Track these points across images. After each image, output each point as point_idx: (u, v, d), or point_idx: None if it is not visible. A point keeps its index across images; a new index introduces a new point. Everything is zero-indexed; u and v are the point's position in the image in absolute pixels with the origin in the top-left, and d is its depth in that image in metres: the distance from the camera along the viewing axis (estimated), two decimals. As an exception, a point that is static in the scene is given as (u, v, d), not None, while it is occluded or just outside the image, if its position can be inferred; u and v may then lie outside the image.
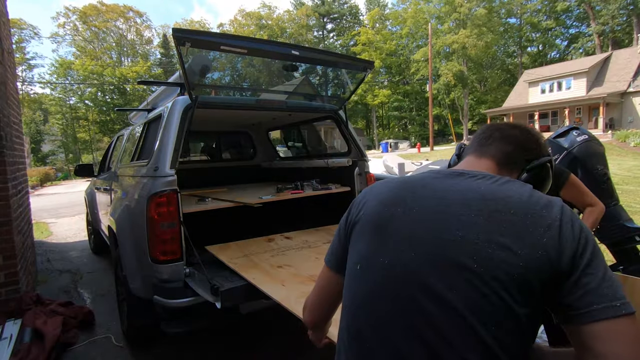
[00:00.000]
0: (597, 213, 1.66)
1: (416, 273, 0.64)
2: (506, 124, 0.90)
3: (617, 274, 1.69)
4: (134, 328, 2.58)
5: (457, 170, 0.78)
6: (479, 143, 0.87)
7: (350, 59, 2.73)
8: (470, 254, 0.61)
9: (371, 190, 0.81)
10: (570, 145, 2.83)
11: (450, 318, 0.60)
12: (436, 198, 0.69)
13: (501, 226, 0.62)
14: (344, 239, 0.81)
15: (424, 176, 0.77)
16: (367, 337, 0.66)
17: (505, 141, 0.84)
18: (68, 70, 37.15)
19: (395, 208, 0.71)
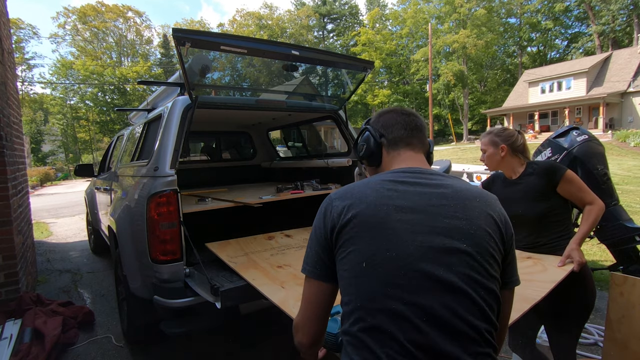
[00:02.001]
0: (597, 211, 1.62)
1: (420, 259, 0.74)
2: (414, 113, 1.01)
3: (617, 274, 1.69)
4: (134, 328, 2.58)
5: (412, 169, 0.90)
6: (410, 134, 0.98)
7: (350, 59, 2.72)
8: (460, 237, 0.77)
9: (349, 195, 0.84)
10: (570, 145, 2.83)
11: (454, 292, 0.72)
12: (418, 194, 0.82)
13: (474, 212, 0.81)
14: (328, 246, 0.83)
15: (391, 177, 0.87)
16: (388, 323, 0.72)
17: (424, 132, 1.01)
18: (69, 70, 37.16)
19: (387, 207, 0.79)
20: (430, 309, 0.71)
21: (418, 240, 0.75)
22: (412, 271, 0.73)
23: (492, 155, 1.82)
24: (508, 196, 1.82)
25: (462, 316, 0.71)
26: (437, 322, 0.71)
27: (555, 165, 1.72)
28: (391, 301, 0.72)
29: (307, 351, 0.91)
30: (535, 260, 1.59)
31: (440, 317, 0.71)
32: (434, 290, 0.72)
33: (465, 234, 0.77)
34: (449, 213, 0.79)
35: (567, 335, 1.65)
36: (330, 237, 0.82)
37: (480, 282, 0.75)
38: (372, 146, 0.99)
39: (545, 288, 1.33)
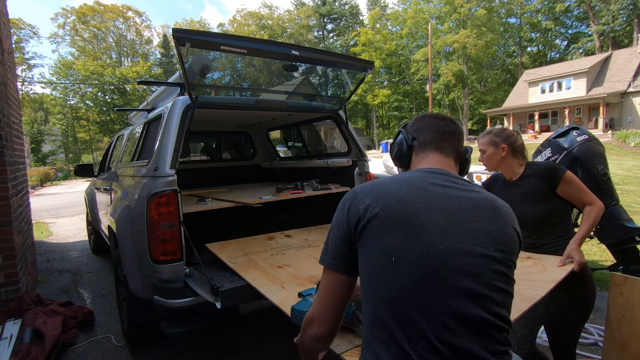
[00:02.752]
0: (597, 212, 1.62)
1: (449, 259, 0.76)
2: (450, 119, 1.03)
3: (617, 274, 1.69)
4: (134, 328, 2.58)
5: (440, 170, 0.92)
6: (441, 138, 0.99)
7: (350, 59, 2.72)
8: (488, 242, 0.80)
9: (377, 190, 0.85)
10: (570, 145, 2.83)
11: (478, 294, 0.75)
12: (448, 196, 0.84)
13: (500, 220, 0.84)
14: (351, 239, 0.84)
15: (420, 176, 0.89)
16: (417, 319, 0.74)
17: (458, 138, 1.01)
18: (69, 70, 37.16)
19: (417, 204, 0.81)
20: (458, 308, 0.74)
21: (448, 241, 0.77)
22: (441, 271, 0.75)
23: (491, 156, 1.81)
24: (508, 197, 1.82)
25: (484, 317, 0.75)
26: (464, 321, 0.74)
27: (554, 167, 1.71)
28: (420, 297, 0.75)
29: (321, 343, 0.91)
30: (536, 260, 1.59)
31: (466, 316, 0.74)
32: (461, 291, 0.75)
33: (493, 240, 0.81)
34: (478, 218, 0.82)
35: (567, 335, 1.65)
36: (355, 230, 0.83)
37: (501, 287, 0.79)
38: (403, 148, 1.03)
39: (545, 288, 1.33)
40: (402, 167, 1.06)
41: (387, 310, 0.77)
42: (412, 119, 1.07)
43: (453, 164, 0.99)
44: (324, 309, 0.87)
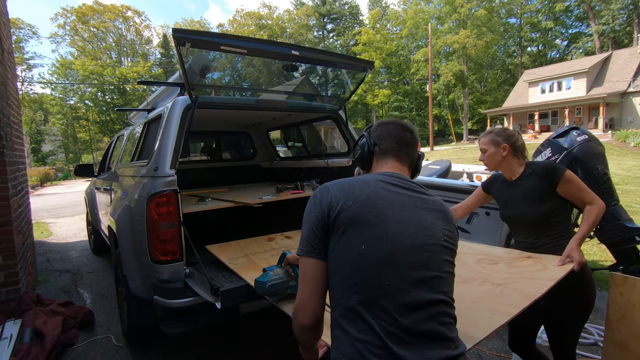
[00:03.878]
0: (597, 211, 1.61)
1: (410, 247, 0.90)
2: (409, 129, 1.15)
3: (617, 274, 1.69)
4: (134, 328, 2.58)
5: (398, 175, 1.05)
6: (400, 149, 1.12)
7: (350, 59, 2.72)
8: (440, 233, 0.95)
9: (347, 187, 0.97)
10: (570, 145, 2.84)
11: (432, 276, 0.90)
12: (406, 195, 0.99)
13: (446, 217, 1.01)
14: (325, 228, 0.94)
15: (383, 179, 1.02)
16: (380, 297, 0.86)
17: (414, 148, 1.14)
18: (68, 70, 37.15)
19: (383, 201, 0.95)
20: (415, 287, 0.87)
21: (408, 231, 0.92)
22: (402, 256, 0.89)
23: (492, 155, 1.81)
24: (508, 197, 1.82)
25: (437, 296, 0.89)
26: (420, 299, 0.87)
27: (554, 166, 1.71)
28: (384, 279, 0.87)
29: (309, 333, 0.96)
30: (536, 260, 1.59)
31: (422, 294, 0.88)
32: (418, 274, 0.89)
33: (442, 232, 0.96)
34: (430, 214, 0.98)
35: (567, 335, 1.65)
36: (328, 219, 0.93)
37: (449, 271, 0.96)
38: (366, 152, 1.15)
39: (545, 286, 1.33)
40: (363, 169, 1.18)
41: (354, 292, 0.87)
42: (376, 123, 1.18)
43: (407, 170, 1.13)
44: (306, 297, 0.94)
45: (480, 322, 1.15)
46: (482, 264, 1.66)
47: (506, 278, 1.47)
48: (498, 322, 1.14)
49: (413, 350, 0.82)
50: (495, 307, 1.24)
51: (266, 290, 1.48)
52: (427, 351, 0.83)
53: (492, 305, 1.27)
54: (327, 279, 0.94)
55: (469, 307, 1.27)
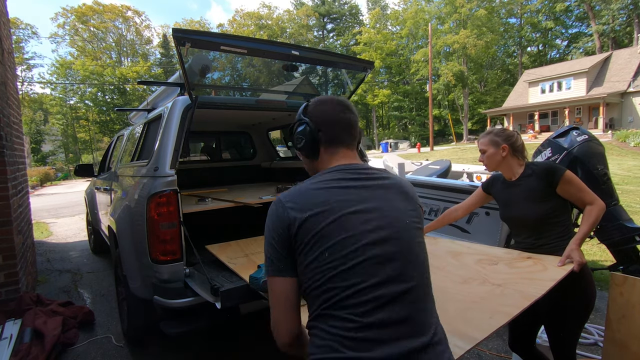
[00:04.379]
0: (597, 211, 1.61)
1: (374, 241, 0.86)
2: (349, 107, 1.05)
3: (617, 274, 1.69)
4: (134, 328, 2.58)
5: (353, 166, 0.99)
6: (348, 135, 1.04)
7: (350, 59, 2.72)
8: (411, 215, 0.95)
9: (302, 198, 0.91)
10: (570, 145, 2.84)
11: (408, 257, 0.90)
12: (365, 188, 0.94)
13: (406, 197, 0.98)
14: (286, 249, 0.89)
15: (337, 176, 0.95)
16: (350, 299, 0.82)
17: (357, 126, 1.06)
18: (68, 70, 37.16)
19: (341, 203, 0.89)
20: (394, 272, 0.85)
21: (371, 226, 0.87)
22: (370, 251, 0.85)
23: (492, 156, 1.81)
24: (508, 198, 1.82)
25: (414, 280, 0.88)
26: (399, 282, 0.85)
27: (554, 166, 1.71)
28: (354, 278, 0.83)
29: (290, 349, 0.94)
30: (536, 260, 1.59)
31: (400, 277, 0.86)
32: (394, 259, 0.87)
33: (409, 213, 0.94)
34: (394, 198, 0.95)
35: (567, 335, 1.65)
36: (288, 237, 0.88)
37: (424, 253, 0.97)
38: (311, 141, 1.03)
39: (545, 287, 1.33)
40: (312, 158, 1.07)
41: (324, 297, 0.84)
42: (312, 103, 1.06)
43: (356, 155, 1.06)
44: (280, 317, 0.91)
45: (481, 322, 1.15)
46: (482, 264, 1.66)
47: (506, 278, 1.47)
48: (498, 323, 1.14)
49: (383, 340, 0.80)
50: (496, 308, 1.24)
51: (260, 286, 1.51)
52: (400, 339, 0.81)
53: (493, 305, 1.26)
54: (298, 292, 0.91)
55: (469, 307, 1.27)
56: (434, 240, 2.08)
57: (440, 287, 1.48)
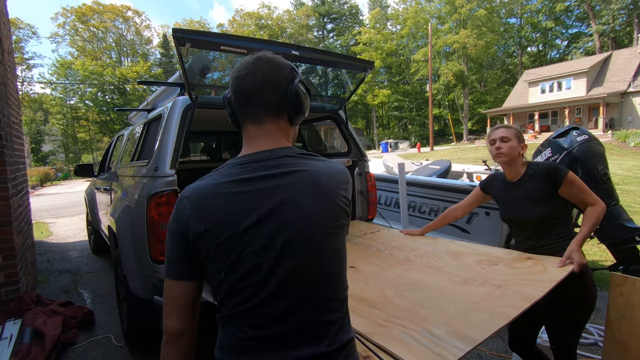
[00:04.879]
0: (598, 212, 1.61)
1: (276, 257, 0.77)
2: (253, 67, 0.81)
3: (617, 274, 1.69)
4: (134, 328, 2.58)
5: (257, 155, 0.81)
6: (253, 107, 0.82)
7: (350, 59, 2.72)
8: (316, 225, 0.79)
9: (200, 204, 0.78)
10: (570, 145, 2.84)
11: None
12: (262, 191, 0.77)
13: (316, 191, 0.81)
14: (187, 251, 0.79)
15: (227, 179, 0.79)
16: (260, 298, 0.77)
17: (273, 87, 0.81)
18: (68, 70, 37.17)
19: (237, 215, 0.76)
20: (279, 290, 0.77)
21: (266, 241, 0.75)
22: (267, 264, 0.76)
23: (514, 148, 1.76)
24: (508, 198, 1.81)
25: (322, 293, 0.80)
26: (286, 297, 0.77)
27: (556, 167, 1.70)
28: (247, 291, 0.77)
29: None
30: (536, 261, 1.59)
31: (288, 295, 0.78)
32: (311, 269, 0.78)
33: (318, 215, 0.78)
34: (301, 195, 0.77)
35: (568, 336, 1.65)
36: (187, 242, 0.78)
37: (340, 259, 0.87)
38: (230, 115, 0.88)
39: (545, 288, 1.33)
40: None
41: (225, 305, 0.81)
42: (236, 67, 0.83)
43: (273, 132, 0.84)
44: (169, 318, 0.83)
45: (481, 323, 1.15)
46: (482, 265, 1.66)
47: (506, 279, 1.47)
48: (498, 324, 1.14)
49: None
50: (495, 309, 1.24)
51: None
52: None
53: (492, 306, 1.26)
54: (196, 296, 0.84)
55: (469, 308, 1.27)
56: (434, 240, 2.08)
57: (440, 288, 1.48)
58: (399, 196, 3.44)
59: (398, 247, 2.06)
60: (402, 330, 1.17)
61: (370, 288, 1.56)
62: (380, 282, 1.61)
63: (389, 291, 1.50)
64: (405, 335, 1.14)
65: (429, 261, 1.80)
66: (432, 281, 1.55)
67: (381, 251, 2.06)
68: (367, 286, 1.58)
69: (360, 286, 1.58)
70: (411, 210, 4.00)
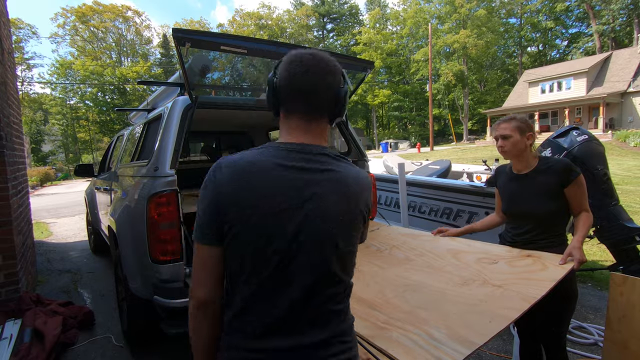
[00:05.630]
0: (591, 220, 1.68)
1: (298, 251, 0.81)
2: (313, 67, 0.84)
3: (617, 274, 1.69)
4: (134, 328, 2.58)
5: (304, 148, 0.83)
6: (304, 105, 0.86)
7: (350, 59, 2.72)
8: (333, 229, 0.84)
9: (237, 178, 0.79)
10: (570, 145, 2.84)
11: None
12: (304, 181, 0.80)
13: (353, 196, 0.88)
14: (218, 216, 0.80)
15: (273, 161, 0.81)
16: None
17: (323, 97, 0.85)
18: (68, 70, 37.17)
19: (283, 197, 0.79)
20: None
21: (290, 233, 0.78)
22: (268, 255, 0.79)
23: (517, 143, 1.71)
24: (514, 191, 1.78)
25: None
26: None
27: (572, 165, 1.68)
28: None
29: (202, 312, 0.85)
30: (535, 259, 1.59)
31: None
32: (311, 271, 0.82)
33: (332, 230, 0.81)
34: (324, 205, 0.81)
35: (554, 332, 1.69)
36: (219, 210, 0.80)
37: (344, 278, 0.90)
38: (271, 97, 0.89)
39: (545, 287, 1.33)
40: (275, 117, 0.93)
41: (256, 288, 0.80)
42: (283, 62, 0.87)
43: (318, 128, 0.88)
44: (207, 288, 0.83)
45: (481, 326, 1.15)
46: (482, 264, 1.66)
47: (506, 279, 1.47)
48: (498, 327, 1.13)
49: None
50: (495, 311, 1.24)
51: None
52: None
53: (492, 308, 1.26)
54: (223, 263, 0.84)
55: (469, 310, 1.27)
56: (434, 238, 2.08)
57: (440, 289, 1.48)
58: (399, 196, 3.44)
59: (398, 247, 2.05)
60: (402, 333, 1.17)
61: (371, 289, 1.55)
62: (381, 283, 1.61)
63: (389, 293, 1.50)
64: (405, 338, 1.14)
65: (429, 261, 1.80)
66: (432, 282, 1.55)
67: (381, 251, 2.05)
68: (368, 287, 1.58)
69: (360, 287, 1.58)
70: (411, 210, 4.00)
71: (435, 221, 3.75)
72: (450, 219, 3.57)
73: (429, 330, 1.16)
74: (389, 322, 1.25)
